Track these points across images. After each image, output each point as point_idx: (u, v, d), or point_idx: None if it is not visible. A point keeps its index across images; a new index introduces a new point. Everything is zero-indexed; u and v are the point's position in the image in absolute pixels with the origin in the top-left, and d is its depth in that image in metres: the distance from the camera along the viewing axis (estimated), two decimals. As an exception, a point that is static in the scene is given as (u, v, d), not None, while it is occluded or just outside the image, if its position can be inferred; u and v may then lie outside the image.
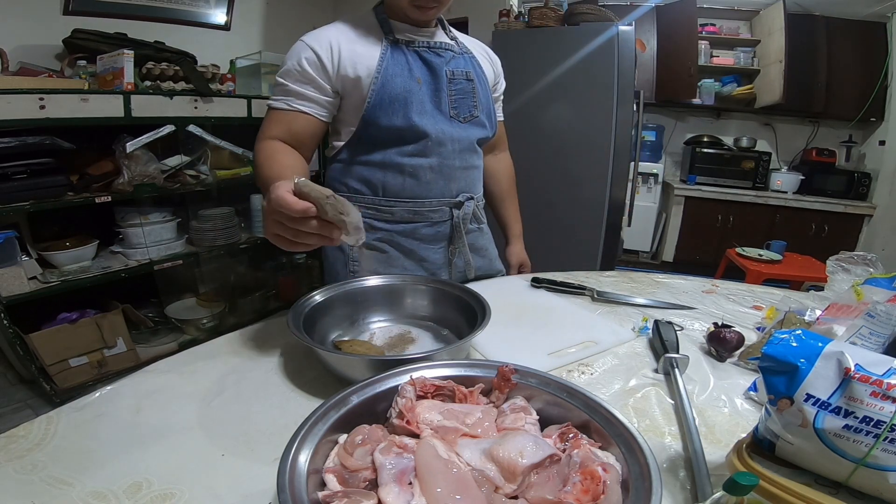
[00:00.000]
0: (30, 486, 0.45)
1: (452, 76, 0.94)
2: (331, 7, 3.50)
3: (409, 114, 0.89)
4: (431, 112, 0.92)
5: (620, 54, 2.07)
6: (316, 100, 0.89)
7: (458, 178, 0.98)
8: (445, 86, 0.93)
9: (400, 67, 0.89)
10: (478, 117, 0.99)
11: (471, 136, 0.98)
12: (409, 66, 0.90)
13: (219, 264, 2.43)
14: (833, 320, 0.66)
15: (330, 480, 0.39)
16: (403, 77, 0.89)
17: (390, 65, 0.88)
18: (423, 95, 0.91)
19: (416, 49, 0.92)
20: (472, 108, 0.98)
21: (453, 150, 0.96)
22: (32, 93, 1.63)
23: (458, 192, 0.99)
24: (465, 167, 0.99)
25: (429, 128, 0.91)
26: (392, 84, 0.88)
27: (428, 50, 0.93)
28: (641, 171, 3.58)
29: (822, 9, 3.38)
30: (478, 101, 0.98)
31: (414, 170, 0.94)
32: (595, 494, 0.37)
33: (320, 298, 0.75)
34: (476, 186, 1.04)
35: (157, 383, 0.63)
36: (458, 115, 0.96)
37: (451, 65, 0.95)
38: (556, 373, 0.65)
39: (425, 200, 0.97)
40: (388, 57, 0.89)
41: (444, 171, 0.96)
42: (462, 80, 0.95)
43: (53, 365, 1.80)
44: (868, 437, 0.38)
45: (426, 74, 0.92)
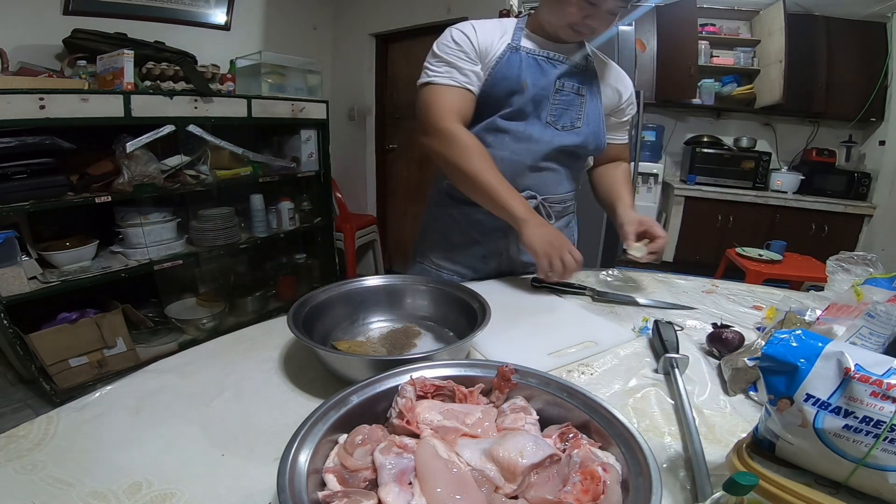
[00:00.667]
0: (30, 486, 0.45)
1: (562, 87, 0.98)
2: (331, 7, 3.50)
3: (502, 113, 0.96)
4: (528, 114, 0.97)
5: (620, 54, 2.07)
6: (477, 74, 0.95)
7: (526, 175, 1.01)
8: (551, 94, 0.97)
9: (510, 70, 0.95)
10: (579, 128, 1.01)
11: (559, 143, 0.99)
12: (520, 71, 0.95)
13: (219, 264, 2.43)
14: (833, 320, 0.66)
15: (330, 480, 0.39)
16: (510, 80, 0.95)
17: (503, 67, 0.95)
18: (524, 99, 0.95)
19: (535, 55, 0.96)
20: (575, 119, 1.00)
21: (529, 149, 0.99)
22: (32, 93, 1.63)
23: (523, 188, 1.01)
24: (537, 168, 1.01)
25: (512, 127, 0.97)
26: (499, 85, 0.95)
27: (545, 58, 0.97)
28: (641, 171, 3.58)
29: (822, 9, 3.38)
30: (584, 114, 1.01)
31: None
32: (595, 494, 0.37)
33: (320, 298, 0.75)
34: (547, 188, 1.04)
35: (157, 383, 0.63)
36: (555, 123, 0.99)
37: (565, 77, 0.98)
38: (556, 373, 0.65)
39: None
40: (504, 60, 0.95)
41: (512, 165, 0.99)
42: (571, 94, 0.99)
43: (53, 365, 1.80)
44: (868, 437, 0.38)
45: (535, 79, 0.95)
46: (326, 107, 2.69)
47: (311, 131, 2.67)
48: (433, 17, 2.88)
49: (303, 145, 2.64)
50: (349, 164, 3.71)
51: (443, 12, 2.81)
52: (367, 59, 3.42)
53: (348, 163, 3.70)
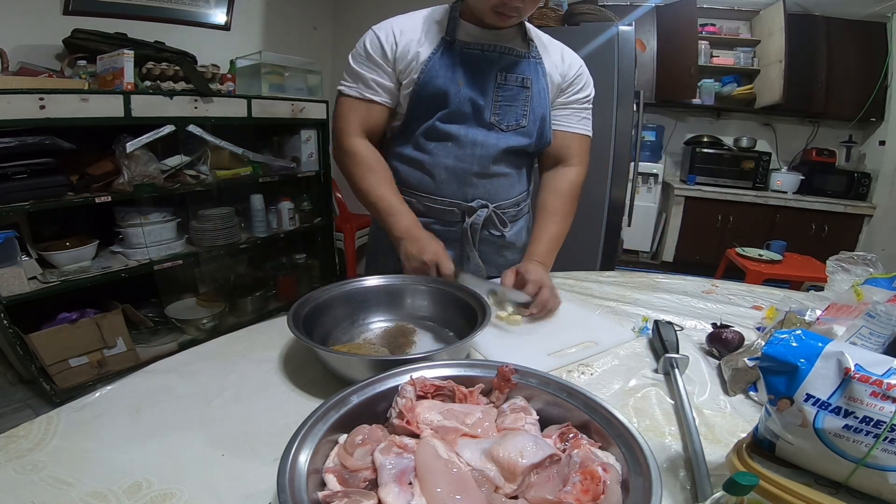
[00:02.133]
0: (30, 486, 0.45)
1: (504, 81, 0.91)
2: (331, 7, 3.50)
3: (439, 115, 0.91)
4: (467, 116, 0.92)
5: (620, 54, 2.07)
6: (384, 86, 0.92)
7: (476, 184, 0.97)
8: (492, 91, 0.91)
9: (445, 69, 0.89)
10: (524, 127, 0.95)
11: (505, 145, 0.95)
12: (454, 68, 0.89)
13: (219, 264, 2.43)
14: (833, 320, 0.66)
15: (330, 480, 0.39)
16: (444, 78, 0.89)
17: (436, 65, 0.89)
18: (461, 98, 0.90)
19: (470, 50, 0.90)
20: (520, 118, 0.94)
21: (473, 154, 0.94)
22: (32, 93, 1.63)
23: (472, 197, 0.98)
24: (486, 174, 0.96)
25: (455, 131, 0.92)
26: (432, 85, 0.89)
27: (482, 53, 0.90)
28: (641, 171, 3.58)
29: (822, 9, 3.38)
30: (529, 109, 0.94)
31: (431, 168, 0.96)
32: (595, 494, 0.37)
33: (320, 298, 0.75)
34: (499, 195, 1.00)
35: (157, 383, 0.63)
36: (499, 123, 0.93)
37: (506, 69, 0.91)
38: (556, 373, 0.65)
39: (437, 198, 0.98)
40: (437, 57, 0.89)
41: (459, 174, 0.96)
42: (515, 87, 0.92)
43: (53, 365, 1.80)
44: (868, 437, 0.38)
45: (471, 76, 0.90)
46: (326, 107, 2.68)
47: (311, 131, 2.66)
48: (433, 17, 2.87)
49: (303, 145, 2.63)
50: (349, 164, 3.70)
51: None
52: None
53: (348, 163, 3.69)
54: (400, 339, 0.75)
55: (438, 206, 0.99)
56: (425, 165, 0.96)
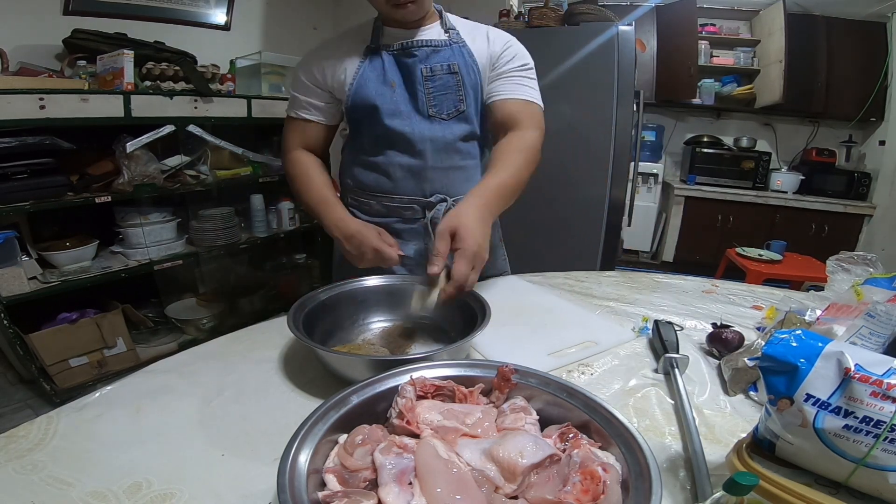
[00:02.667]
0: (30, 486, 0.45)
1: (430, 73, 0.93)
2: (331, 7, 3.50)
3: (381, 117, 0.94)
4: (407, 113, 0.94)
5: (620, 54, 2.07)
6: (317, 106, 0.98)
7: (432, 178, 0.98)
8: (421, 85, 0.93)
9: (375, 73, 0.93)
10: (464, 111, 0.96)
11: (451, 135, 0.96)
12: (384, 71, 0.93)
13: (219, 264, 2.43)
14: (833, 320, 0.66)
15: (330, 480, 0.39)
16: (376, 83, 0.93)
17: (366, 71, 0.93)
18: (397, 98, 0.93)
19: (393, 52, 0.93)
20: (458, 103, 0.95)
21: (425, 150, 0.95)
22: (32, 93, 1.63)
23: (430, 192, 0.99)
24: (441, 168, 0.98)
25: (400, 128, 0.94)
26: (365, 90, 0.93)
27: (402, 51, 0.93)
28: (641, 171, 3.58)
29: (822, 9, 3.38)
30: (464, 93, 0.95)
31: (386, 168, 0.98)
32: (595, 494, 0.37)
33: (320, 298, 0.75)
34: (456, 188, 1.00)
35: (157, 383, 0.63)
36: (438, 113, 0.95)
37: (430, 61, 0.93)
38: (556, 373, 0.65)
39: (395, 197, 1.00)
40: (366, 65, 0.93)
41: (414, 170, 0.97)
42: (443, 75, 0.94)
43: (53, 365, 1.80)
44: (868, 437, 0.38)
45: (400, 77, 0.94)
46: (326, 107, 2.68)
47: (312, 131, 2.67)
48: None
49: (303, 145, 2.63)
50: (349, 164, 3.71)
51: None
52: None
53: (348, 163, 3.70)
54: (400, 340, 0.75)
55: (397, 204, 1.00)
56: (381, 166, 0.99)
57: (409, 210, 1.00)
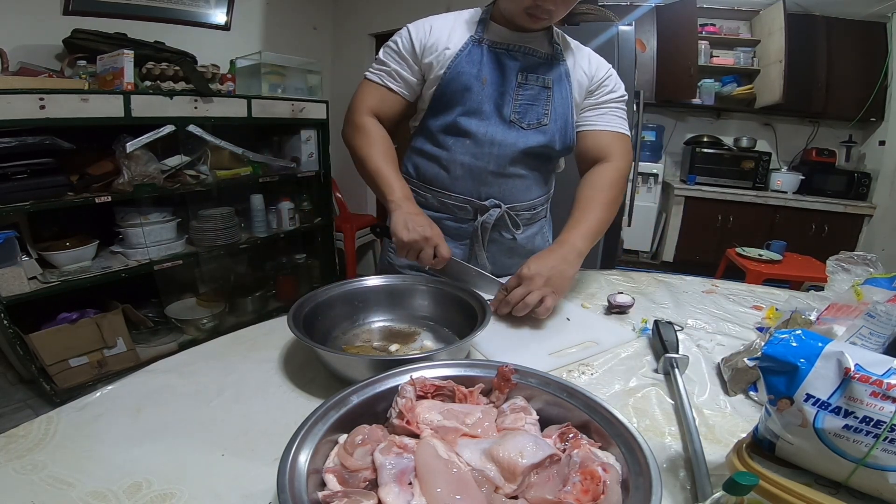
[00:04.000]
0: (30, 486, 0.45)
1: (525, 80, 0.93)
2: (331, 7, 3.50)
3: (461, 110, 0.93)
4: (489, 113, 0.93)
5: (620, 54, 2.06)
6: (405, 78, 0.96)
7: (490, 183, 0.97)
8: (513, 89, 0.93)
9: (470, 65, 0.92)
10: (546, 125, 0.95)
11: (523, 143, 0.95)
12: (481, 66, 0.92)
13: (219, 264, 2.43)
14: (833, 320, 0.66)
15: (330, 480, 0.39)
16: (469, 75, 0.92)
17: (463, 61, 0.92)
18: (483, 95, 0.92)
19: (495, 49, 0.93)
20: (542, 116, 0.95)
21: (491, 153, 0.95)
22: (32, 93, 1.63)
23: (486, 196, 0.98)
24: (501, 174, 0.97)
25: (473, 128, 0.94)
26: (456, 80, 0.92)
27: (506, 51, 0.93)
28: (641, 171, 3.58)
29: (822, 9, 3.38)
30: (551, 109, 0.95)
31: (448, 163, 0.98)
32: (595, 494, 0.37)
33: (320, 298, 0.75)
34: (514, 196, 1.00)
35: (157, 383, 0.63)
36: (520, 121, 0.94)
37: (529, 70, 0.93)
38: (556, 373, 0.65)
39: (451, 194, 1.00)
40: (465, 54, 0.92)
41: (475, 172, 0.97)
42: (536, 86, 0.94)
43: (53, 365, 1.80)
44: (868, 437, 0.38)
45: (494, 75, 0.93)
46: (326, 107, 2.68)
47: (311, 131, 2.67)
48: (433, 18, 2.87)
49: (303, 145, 2.63)
50: (349, 164, 3.68)
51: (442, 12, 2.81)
52: (367, 59, 3.41)
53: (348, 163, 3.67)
54: (400, 340, 0.75)
55: (452, 201, 1.00)
56: (442, 161, 0.98)
57: (462, 210, 1.00)
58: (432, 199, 1.01)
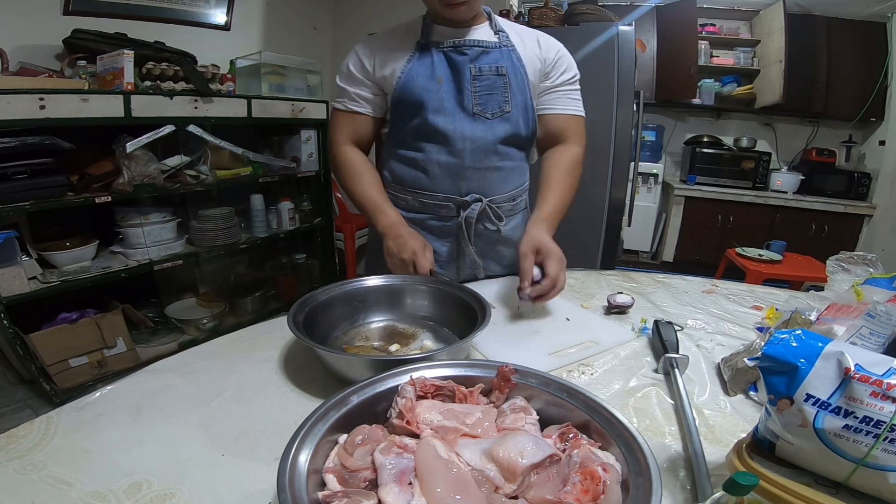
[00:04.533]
0: (30, 486, 0.45)
1: (479, 72, 0.95)
2: (331, 7, 3.50)
3: (425, 112, 0.95)
4: (451, 110, 0.95)
5: (620, 54, 2.07)
6: (366, 98, 1.00)
7: (469, 178, 0.99)
8: (469, 83, 0.95)
9: (423, 68, 0.95)
10: (509, 112, 0.97)
11: (492, 135, 0.97)
12: (433, 67, 0.95)
13: (219, 264, 2.43)
14: (833, 320, 0.66)
15: (330, 480, 0.39)
16: (424, 77, 0.94)
17: (415, 66, 0.95)
18: (443, 94, 0.95)
19: (443, 49, 0.95)
20: (503, 104, 0.97)
21: (465, 149, 0.97)
22: (32, 93, 1.63)
23: (467, 191, 1.00)
24: (479, 168, 0.99)
25: (442, 125, 0.95)
26: (412, 84, 0.94)
27: (454, 49, 0.95)
28: (641, 171, 3.58)
29: (822, 9, 3.38)
30: (510, 95, 0.97)
31: (424, 164, 1.00)
32: (595, 494, 0.37)
33: (320, 298, 0.75)
34: (493, 188, 1.02)
35: (157, 383, 0.63)
36: (483, 112, 0.96)
37: (479, 61, 0.95)
38: (556, 373, 0.65)
39: (432, 194, 1.01)
40: (415, 59, 0.95)
41: (452, 169, 0.98)
42: (491, 76, 0.95)
43: (53, 365, 1.80)
44: (868, 437, 0.38)
45: (448, 73, 0.95)
46: (326, 107, 2.68)
47: (311, 131, 2.66)
48: (433, 17, 2.87)
49: (303, 145, 2.63)
50: (349, 164, 3.71)
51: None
52: (367, 59, 3.42)
53: (348, 163, 3.70)
54: (400, 340, 0.75)
55: (433, 201, 1.02)
56: (419, 163, 1.00)
57: (444, 208, 1.02)
58: (413, 202, 1.03)
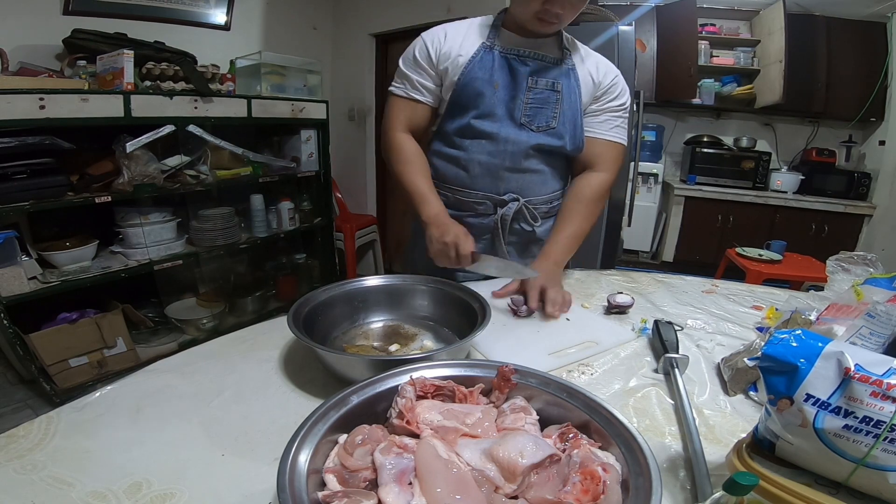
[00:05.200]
0: (30, 486, 0.45)
1: (535, 85, 0.96)
2: (331, 7, 3.50)
3: (475, 114, 0.97)
4: (501, 116, 0.97)
5: (620, 54, 2.07)
6: (428, 87, 1.00)
7: (507, 178, 1.01)
8: (523, 93, 0.96)
9: (483, 71, 0.95)
10: (555, 129, 0.99)
11: (533, 142, 0.99)
12: (492, 71, 0.95)
13: (219, 264, 2.43)
14: (833, 320, 0.66)
15: (330, 480, 0.39)
16: (482, 80, 0.95)
17: (476, 67, 0.95)
18: (495, 99, 0.96)
19: (506, 55, 0.96)
20: (551, 119, 0.98)
21: (506, 150, 0.99)
22: (32, 93, 1.63)
23: (505, 191, 1.02)
24: (516, 169, 1.01)
25: (488, 129, 0.97)
26: (470, 85, 0.95)
27: (516, 57, 0.96)
28: (641, 171, 3.58)
29: (822, 9, 3.38)
30: (559, 112, 0.98)
31: (466, 163, 1.01)
32: (595, 494, 0.37)
33: (320, 298, 0.75)
34: (530, 190, 1.04)
35: (157, 383, 0.63)
36: (530, 123, 0.98)
37: (538, 74, 0.96)
38: (556, 373, 0.65)
39: (471, 192, 1.03)
40: (477, 60, 0.95)
41: (492, 169, 1.01)
42: (545, 91, 0.97)
43: (53, 365, 1.80)
44: (868, 437, 0.38)
45: (506, 79, 0.96)
46: (326, 107, 2.68)
47: (311, 131, 2.67)
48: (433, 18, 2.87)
49: (303, 145, 2.63)
50: (349, 164, 3.71)
51: (443, 12, 2.80)
52: (367, 59, 3.41)
53: (348, 163, 3.70)
54: (400, 340, 0.75)
55: (472, 199, 1.04)
56: (461, 161, 1.02)
57: (482, 205, 1.04)
58: (453, 198, 1.05)
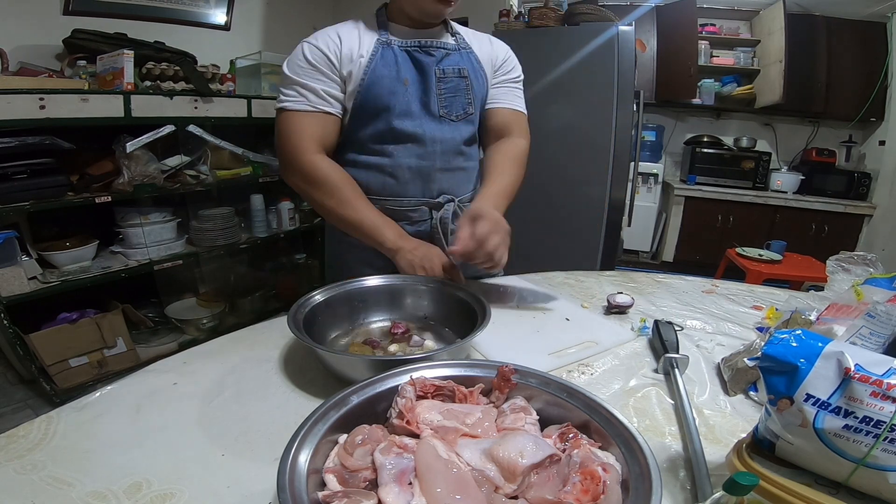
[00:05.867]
0: (30, 486, 0.45)
1: (443, 74, 0.93)
2: (331, 7, 3.50)
3: (391, 116, 0.91)
4: (418, 113, 0.93)
5: (620, 54, 2.07)
6: (334, 95, 0.90)
7: (439, 179, 0.98)
8: (434, 85, 0.93)
9: (388, 68, 0.90)
10: (472, 114, 0.98)
11: (459, 136, 0.97)
12: (398, 68, 0.90)
13: (219, 264, 2.43)
14: (833, 320, 0.66)
15: (330, 480, 0.39)
16: (389, 78, 0.90)
17: (379, 66, 0.89)
18: (409, 97, 0.91)
19: (407, 49, 0.92)
20: (467, 106, 0.97)
21: (434, 151, 0.95)
22: (32, 93, 1.63)
23: (438, 193, 0.99)
24: (447, 169, 0.98)
25: (410, 129, 0.93)
26: (378, 84, 0.89)
27: (419, 49, 0.92)
28: (641, 171, 3.58)
29: (822, 9, 3.38)
30: (473, 97, 0.97)
31: (394, 170, 0.95)
32: (595, 494, 0.37)
33: (320, 298, 0.75)
34: (461, 188, 1.02)
35: (157, 383, 0.63)
36: (448, 114, 0.95)
37: (443, 63, 0.93)
38: (556, 373, 0.65)
39: (404, 199, 0.97)
40: (378, 58, 0.89)
41: (422, 172, 0.96)
42: (454, 78, 0.94)
43: (53, 365, 1.80)
44: (868, 437, 0.38)
45: (414, 74, 0.92)
46: (326, 107, 2.68)
47: (311, 131, 2.67)
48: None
49: (303, 145, 2.63)
50: (349, 164, 3.72)
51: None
52: (366, 59, 3.42)
53: (348, 163, 3.70)
54: (400, 340, 0.75)
55: (404, 207, 0.98)
56: (386, 168, 0.95)
57: (416, 212, 0.99)
58: (384, 210, 0.94)
